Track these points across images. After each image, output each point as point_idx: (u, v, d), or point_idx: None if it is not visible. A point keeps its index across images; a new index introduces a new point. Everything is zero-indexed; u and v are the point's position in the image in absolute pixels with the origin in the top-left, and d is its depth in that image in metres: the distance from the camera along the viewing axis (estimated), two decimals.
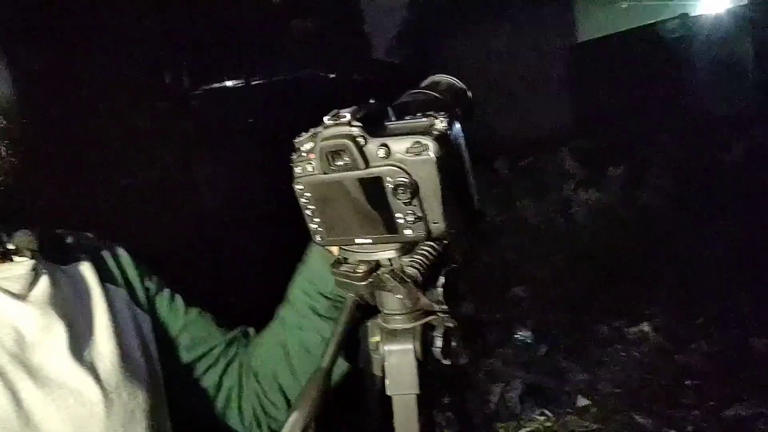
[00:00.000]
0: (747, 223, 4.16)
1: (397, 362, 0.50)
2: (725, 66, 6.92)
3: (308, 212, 0.50)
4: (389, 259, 0.49)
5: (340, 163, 0.46)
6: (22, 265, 0.61)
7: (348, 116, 0.46)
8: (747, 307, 3.38)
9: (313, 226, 0.51)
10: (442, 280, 0.49)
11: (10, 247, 0.62)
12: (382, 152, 0.45)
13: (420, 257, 0.48)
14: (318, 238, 0.52)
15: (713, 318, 3.40)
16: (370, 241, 0.49)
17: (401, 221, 0.46)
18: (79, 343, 0.61)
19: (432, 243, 0.48)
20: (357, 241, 0.49)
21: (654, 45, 7.33)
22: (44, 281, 0.62)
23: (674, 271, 3.97)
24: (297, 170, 0.49)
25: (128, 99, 3.88)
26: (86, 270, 0.67)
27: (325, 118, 0.47)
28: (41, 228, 0.65)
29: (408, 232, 0.47)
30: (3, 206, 0.62)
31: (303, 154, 0.49)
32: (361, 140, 0.45)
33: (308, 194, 0.49)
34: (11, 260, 0.62)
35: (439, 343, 0.50)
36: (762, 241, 3.78)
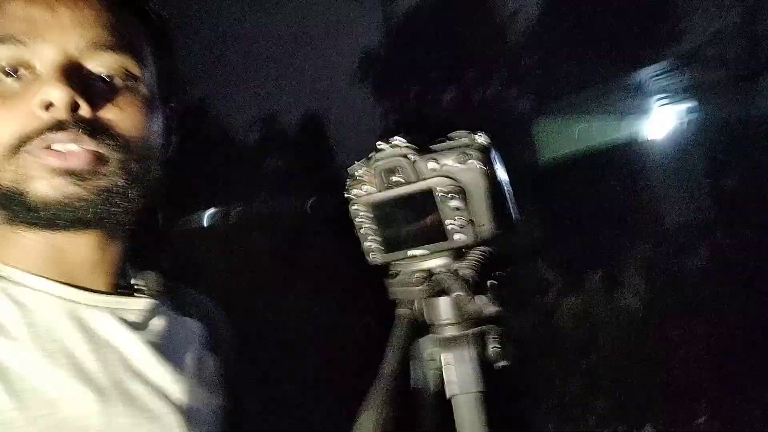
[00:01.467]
0: (717, 322, 4.28)
1: (456, 365, 0.53)
2: (684, 178, 7.50)
3: (364, 231, 0.56)
4: (442, 265, 0.54)
5: (395, 179, 0.53)
6: (142, 302, 0.65)
7: (399, 139, 0.53)
8: (734, 402, 3.38)
9: (368, 244, 0.56)
10: (490, 284, 0.54)
11: (136, 283, 0.67)
12: (431, 165, 0.52)
13: (471, 260, 0.53)
14: (373, 256, 0.56)
15: (713, 416, 3.36)
16: (423, 251, 0.54)
17: (451, 227, 0.52)
18: (178, 384, 0.64)
19: (481, 248, 0.53)
20: (410, 253, 0.54)
21: (616, 161, 7.92)
22: (159, 320, 0.66)
23: (662, 372, 3.97)
24: (353, 192, 0.55)
25: None
26: (197, 328, 0.72)
27: (378, 143, 0.54)
28: (169, 278, 0.70)
29: (458, 236, 0.52)
30: (140, 247, 0.67)
31: (358, 177, 0.56)
32: (412, 157, 0.53)
33: (364, 213, 0.55)
34: (133, 295, 0.66)
35: (492, 346, 0.53)
36: (737, 339, 3.88)
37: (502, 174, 0.55)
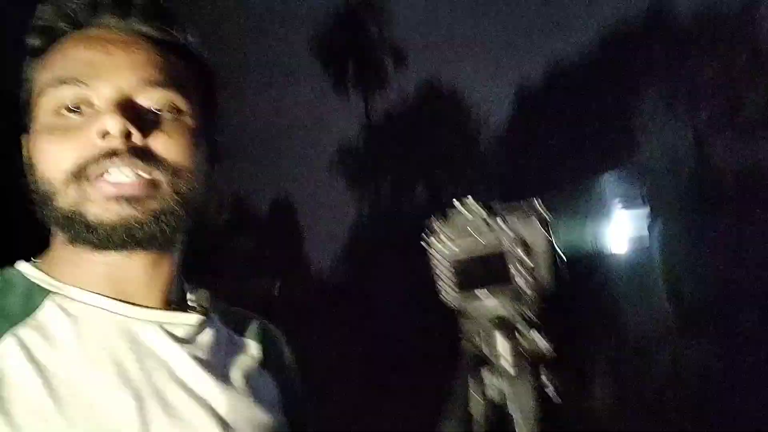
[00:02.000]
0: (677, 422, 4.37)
1: (515, 396, 0.62)
2: (644, 293, 7.83)
3: (438, 273, 0.66)
4: (506, 306, 0.64)
5: (470, 232, 0.64)
6: (191, 317, 0.70)
7: (473, 200, 0.65)
8: None
9: (442, 284, 0.66)
10: (542, 326, 0.64)
11: (189, 299, 0.73)
12: (501, 221, 0.64)
13: (529, 304, 0.63)
14: (444, 294, 0.66)
15: None
16: (489, 293, 0.64)
17: (515, 274, 0.63)
18: (220, 398, 0.67)
19: (539, 292, 0.64)
20: (478, 294, 0.65)
21: (577, 264, 8.21)
22: (209, 334, 0.71)
23: None
24: (432, 241, 0.66)
25: None
26: (251, 348, 0.77)
27: (456, 202, 0.66)
28: (227, 300, 0.75)
29: (520, 282, 0.63)
30: (196, 266, 0.73)
31: (436, 231, 0.67)
32: (485, 214, 0.64)
33: (439, 258, 0.66)
34: (185, 311, 0.71)
35: (550, 383, 0.62)
36: None
37: (552, 239, 0.67)
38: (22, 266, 0.69)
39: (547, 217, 0.65)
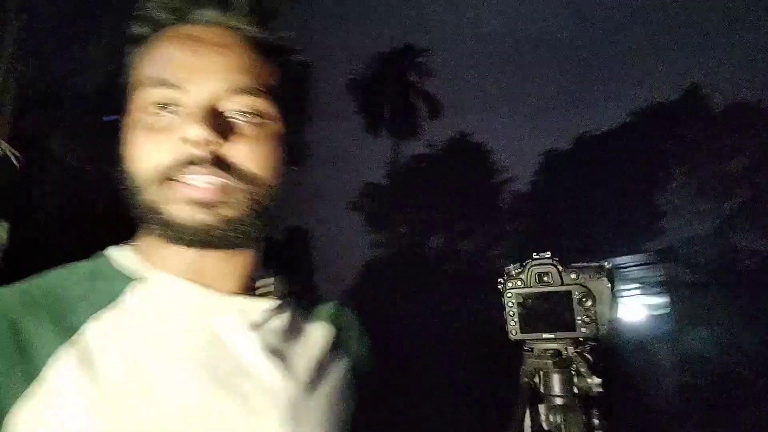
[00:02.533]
0: None
1: (572, 427, 0.71)
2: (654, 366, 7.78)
3: (510, 313, 0.76)
4: (567, 348, 0.74)
5: (545, 280, 0.75)
6: (268, 302, 0.73)
7: (549, 254, 0.76)
8: None
9: (512, 323, 0.76)
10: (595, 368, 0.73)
11: (263, 285, 0.76)
12: (573, 275, 0.74)
13: (589, 348, 0.73)
14: (513, 332, 0.76)
15: None
16: (554, 336, 0.74)
17: (579, 322, 0.73)
18: (289, 382, 0.70)
19: (596, 340, 0.74)
20: (544, 336, 0.75)
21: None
22: (283, 319, 0.75)
23: None
24: (509, 284, 0.77)
25: None
26: (326, 333, 0.80)
27: (534, 254, 0.77)
28: (302, 284, 0.81)
29: (584, 329, 0.73)
30: (274, 251, 0.77)
31: (513, 274, 0.77)
32: (559, 267, 0.75)
33: (513, 301, 0.76)
34: (261, 296, 0.75)
35: (597, 418, 0.72)
36: None
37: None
38: (111, 251, 0.74)
39: (611, 275, 0.76)
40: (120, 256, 0.73)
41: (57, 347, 0.62)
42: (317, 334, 0.79)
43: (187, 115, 0.64)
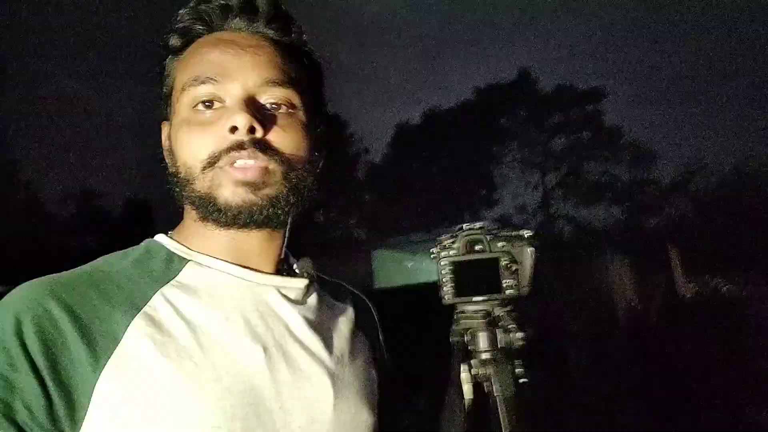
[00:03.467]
0: None
1: (496, 377, 0.80)
2: None
3: (444, 279, 0.83)
4: (494, 309, 0.82)
5: (476, 249, 0.82)
6: (301, 281, 0.80)
7: (479, 224, 0.84)
8: None
9: (445, 288, 0.83)
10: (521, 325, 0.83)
11: (295, 267, 0.84)
12: (500, 243, 0.82)
13: (515, 307, 0.82)
14: (447, 297, 0.83)
15: None
16: (484, 297, 0.82)
17: (506, 284, 0.82)
18: (327, 352, 0.78)
19: (519, 299, 0.83)
20: (474, 298, 0.82)
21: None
22: (314, 297, 0.82)
23: None
24: (442, 254, 0.83)
25: None
26: (348, 311, 0.88)
27: (465, 225, 0.84)
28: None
29: (509, 291, 0.82)
30: (300, 239, 0.83)
31: (445, 244, 0.83)
32: (488, 237, 0.83)
33: (447, 268, 0.82)
34: (293, 276, 0.81)
35: (520, 368, 0.81)
36: None
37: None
38: (161, 238, 0.80)
39: (532, 241, 0.85)
40: (169, 242, 0.79)
41: (131, 318, 0.68)
42: (344, 314, 0.87)
43: (230, 108, 0.72)
